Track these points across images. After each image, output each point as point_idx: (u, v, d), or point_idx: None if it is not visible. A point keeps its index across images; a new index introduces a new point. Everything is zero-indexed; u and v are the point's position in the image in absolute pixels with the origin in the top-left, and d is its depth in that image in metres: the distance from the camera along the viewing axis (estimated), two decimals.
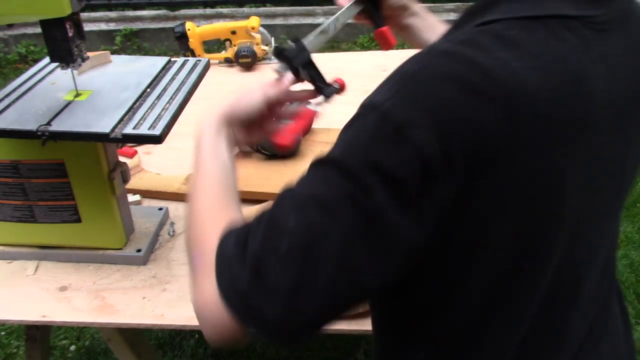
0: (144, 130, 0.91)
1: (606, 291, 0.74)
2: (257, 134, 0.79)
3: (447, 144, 0.50)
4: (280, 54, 0.78)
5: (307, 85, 0.79)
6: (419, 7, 0.93)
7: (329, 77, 0.80)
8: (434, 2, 4.44)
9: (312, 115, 0.77)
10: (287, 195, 0.56)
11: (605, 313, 0.74)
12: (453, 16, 4.20)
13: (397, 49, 1.07)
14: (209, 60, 1.17)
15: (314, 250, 0.51)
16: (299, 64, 0.77)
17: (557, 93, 0.52)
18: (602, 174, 0.61)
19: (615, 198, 0.67)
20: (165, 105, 0.98)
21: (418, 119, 0.50)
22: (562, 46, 0.54)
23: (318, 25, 0.83)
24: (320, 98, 0.78)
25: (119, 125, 0.92)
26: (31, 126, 0.91)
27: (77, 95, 1.01)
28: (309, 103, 0.79)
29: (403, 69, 0.54)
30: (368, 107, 0.54)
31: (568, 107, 0.53)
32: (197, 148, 0.71)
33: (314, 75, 0.78)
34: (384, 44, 0.91)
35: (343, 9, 0.87)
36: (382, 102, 0.52)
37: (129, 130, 0.91)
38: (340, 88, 0.79)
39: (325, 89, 0.79)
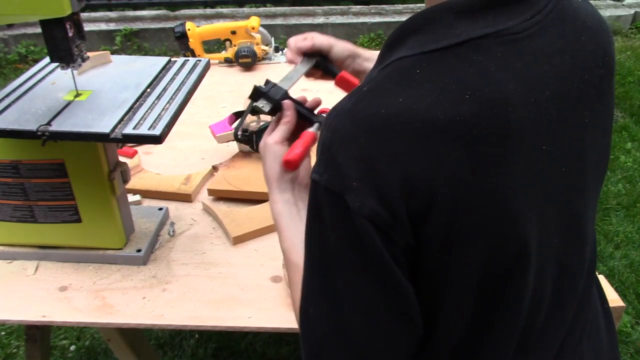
0: (144, 130, 0.91)
1: (587, 287, 0.74)
2: None
3: (380, 198, 0.52)
4: (259, 93, 0.83)
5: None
6: (369, 53, 0.94)
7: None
8: None
9: (314, 136, 0.80)
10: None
11: (585, 308, 0.74)
12: None
13: None
14: (209, 60, 1.17)
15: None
16: (280, 98, 0.83)
17: (472, 119, 0.52)
18: (554, 179, 0.60)
19: (581, 195, 0.66)
20: (166, 106, 0.98)
21: (348, 184, 0.52)
22: (472, 71, 0.54)
23: (318, 25, 0.84)
24: (315, 126, 0.83)
25: (119, 125, 0.92)
26: (31, 126, 0.91)
27: (77, 95, 1.01)
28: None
29: (325, 139, 0.55)
30: (312, 183, 0.56)
31: (486, 129, 0.53)
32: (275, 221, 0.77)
33: (299, 108, 0.83)
34: (348, 87, 0.93)
35: (296, 66, 0.90)
36: (319, 177, 0.55)
37: (129, 130, 0.91)
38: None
39: (314, 117, 0.84)
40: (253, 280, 1.05)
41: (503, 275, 0.58)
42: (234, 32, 1.92)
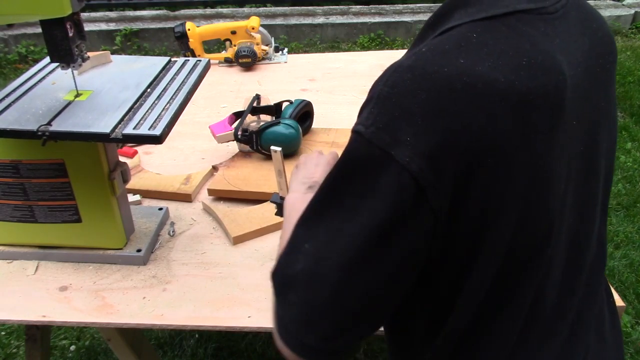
0: (144, 130, 0.91)
1: (596, 277, 0.74)
2: None
3: (431, 155, 0.52)
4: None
5: None
6: None
7: (329, 75, 0.85)
8: (433, 2, 4.44)
9: None
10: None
11: (595, 299, 0.74)
12: None
13: (396, 49, 1.07)
14: (209, 61, 1.17)
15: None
16: None
17: (529, 84, 0.54)
18: (578, 157, 0.62)
19: (596, 178, 0.68)
20: (166, 106, 0.98)
21: (398, 138, 0.52)
22: (524, 40, 0.57)
23: (318, 25, 0.85)
24: None
25: (119, 126, 0.92)
26: (31, 126, 0.91)
27: (78, 95, 1.01)
28: None
29: (376, 91, 0.56)
30: (354, 134, 0.56)
31: (541, 96, 0.55)
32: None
33: None
34: None
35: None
36: (364, 129, 0.55)
37: (129, 130, 0.91)
38: None
39: None
40: (253, 280, 1.05)
41: (527, 250, 0.59)
42: (234, 32, 1.92)
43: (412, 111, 0.52)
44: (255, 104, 1.46)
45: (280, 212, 1.08)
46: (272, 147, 1.00)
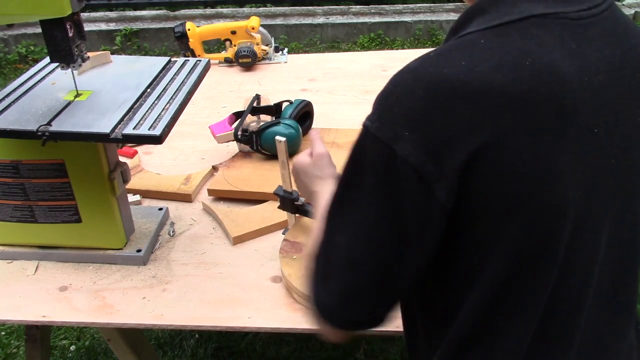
0: (144, 130, 0.91)
1: (629, 303, 0.73)
2: None
3: (431, 150, 0.55)
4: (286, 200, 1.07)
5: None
6: None
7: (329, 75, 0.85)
8: (433, 2, 4.45)
9: None
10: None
11: (625, 324, 0.73)
12: (453, 16, 4.20)
13: (396, 49, 1.07)
14: (209, 61, 1.17)
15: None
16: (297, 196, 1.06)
17: (529, 83, 0.55)
18: (602, 168, 0.61)
19: (630, 196, 0.66)
20: (166, 106, 0.98)
21: (399, 133, 0.56)
22: (532, 42, 0.57)
23: (318, 25, 0.85)
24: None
25: (119, 126, 0.92)
26: (31, 126, 0.91)
27: (77, 95, 1.01)
28: None
29: (384, 90, 0.59)
30: (363, 128, 0.60)
31: (542, 95, 0.55)
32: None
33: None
34: None
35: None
36: (371, 124, 0.59)
37: (129, 130, 0.91)
38: None
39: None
40: (253, 280, 1.05)
41: (535, 251, 0.59)
42: (234, 32, 1.92)
43: (410, 108, 0.56)
44: (255, 104, 1.46)
45: (283, 205, 1.08)
46: (277, 137, 1.01)
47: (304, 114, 1.46)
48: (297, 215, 1.11)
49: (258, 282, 1.04)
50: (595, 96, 0.59)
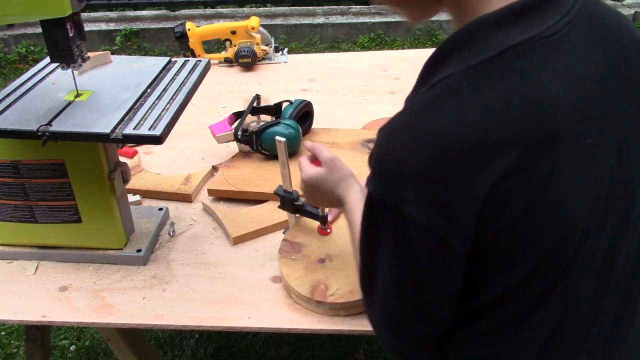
0: (144, 130, 0.91)
1: (629, 310, 0.73)
2: None
3: (438, 207, 0.55)
4: (286, 200, 1.08)
5: None
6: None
7: (329, 75, 0.86)
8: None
9: None
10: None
11: (631, 312, 0.73)
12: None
13: (396, 49, 1.07)
14: (209, 61, 1.17)
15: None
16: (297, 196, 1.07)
17: (521, 124, 0.55)
18: (605, 172, 0.61)
19: (631, 187, 0.66)
20: (166, 106, 0.98)
21: (404, 196, 0.56)
22: (516, 79, 0.56)
23: (318, 25, 0.86)
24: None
25: (120, 126, 0.92)
26: (32, 126, 0.91)
27: (78, 95, 1.01)
28: None
29: (379, 154, 0.59)
30: (369, 194, 0.61)
31: (535, 132, 0.55)
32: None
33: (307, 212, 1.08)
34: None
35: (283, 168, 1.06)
36: (375, 189, 0.60)
37: (129, 130, 0.91)
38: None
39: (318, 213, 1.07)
40: (253, 280, 1.05)
41: (552, 265, 0.60)
42: (234, 32, 1.92)
43: (410, 170, 0.56)
44: (255, 104, 1.46)
45: (284, 204, 1.08)
46: (277, 138, 1.01)
47: (304, 114, 1.46)
48: (297, 215, 1.11)
49: (258, 282, 1.04)
50: (587, 108, 0.59)
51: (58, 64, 0.95)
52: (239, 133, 1.36)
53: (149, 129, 0.91)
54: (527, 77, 0.56)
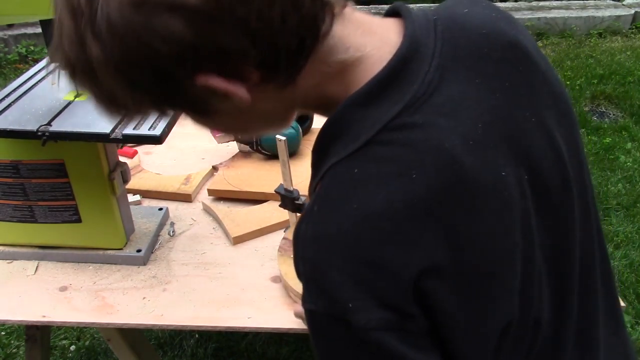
0: (144, 130, 0.91)
1: (595, 285, 0.72)
2: None
3: (384, 304, 0.51)
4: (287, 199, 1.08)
5: None
6: None
7: None
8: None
9: None
10: None
11: (594, 309, 0.72)
12: None
13: None
14: None
15: None
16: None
17: (429, 193, 0.51)
18: (533, 184, 0.59)
19: (568, 188, 0.64)
20: None
21: (344, 306, 0.52)
22: (404, 151, 0.52)
23: None
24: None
25: (119, 126, 0.92)
26: (31, 126, 0.91)
27: (78, 95, 1.01)
28: None
29: (300, 271, 0.55)
30: (309, 313, 0.56)
31: (445, 193, 0.52)
32: None
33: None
34: None
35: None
36: (316, 307, 0.54)
37: (129, 130, 0.91)
38: None
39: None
40: (253, 280, 1.05)
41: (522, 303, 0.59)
42: None
43: (338, 279, 0.52)
44: None
45: (284, 203, 1.08)
46: (277, 137, 1.01)
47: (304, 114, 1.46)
48: (297, 214, 1.11)
49: (258, 282, 1.04)
50: (488, 145, 0.55)
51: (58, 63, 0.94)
52: None
53: (149, 129, 0.91)
54: (414, 147, 0.52)
